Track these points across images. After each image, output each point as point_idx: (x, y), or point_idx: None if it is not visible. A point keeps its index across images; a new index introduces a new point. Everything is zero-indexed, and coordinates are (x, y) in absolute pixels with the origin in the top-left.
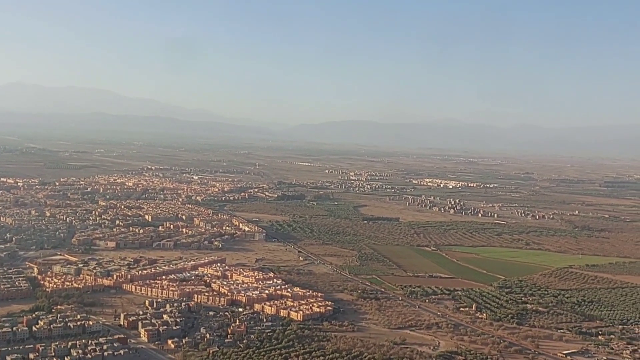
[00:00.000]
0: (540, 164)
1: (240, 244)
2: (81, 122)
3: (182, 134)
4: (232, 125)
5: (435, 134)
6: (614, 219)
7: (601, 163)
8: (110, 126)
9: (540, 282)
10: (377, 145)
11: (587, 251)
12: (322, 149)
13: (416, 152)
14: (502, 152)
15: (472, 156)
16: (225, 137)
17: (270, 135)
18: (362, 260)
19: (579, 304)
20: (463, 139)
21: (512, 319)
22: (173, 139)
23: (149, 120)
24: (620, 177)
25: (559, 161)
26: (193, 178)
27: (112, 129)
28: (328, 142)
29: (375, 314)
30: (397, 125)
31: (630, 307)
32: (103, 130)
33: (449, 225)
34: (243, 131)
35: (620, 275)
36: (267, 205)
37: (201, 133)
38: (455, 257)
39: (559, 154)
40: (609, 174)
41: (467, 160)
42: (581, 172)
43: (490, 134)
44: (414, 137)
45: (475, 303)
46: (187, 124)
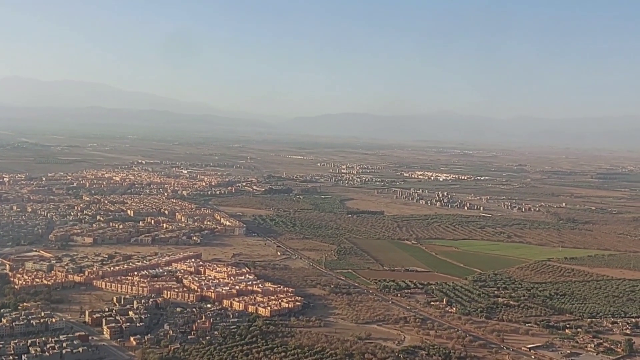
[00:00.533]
0: (535, 156)
1: (219, 239)
2: (77, 116)
3: (178, 128)
4: (229, 118)
5: (432, 126)
6: (600, 211)
7: (597, 155)
8: (106, 120)
9: (516, 275)
10: (373, 138)
11: (568, 244)
12: (317, 141)
13: (412, 145)
14: (499, 144)
15: (467, 148)
16: (221, 131)
17: (266, 128)
18: (340, 254)
19: (550, 298)
20: (460, 131)
21: (482, 312)
22: (168, 132)
23: (145, 113)
24: (613, 168)
25: (554, 153)
26: (182, 172)
27: (107, 122)
28: (324, 134)
29: (344, 309)
30: (394, 118)
31: (602, 300)
32: (99, 124)
33: (433, 218)
34: (239, 124)
35: (598, 268)
36: (253, 200)
37: (197, 126)
38: (435, 250)
39: (555, 145)
40: (603, 165)
41: (461, 152)
42: (575, 163)
43: (487, 126)
44: (410, 129)
45: (447, 297)
46: (183, 118)
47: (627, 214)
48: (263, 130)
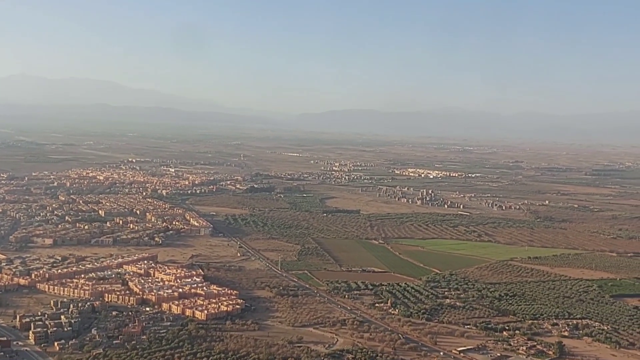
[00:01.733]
0: (535, 152)
1: (183, 240)
2: (82, 113)
3: (181, 125)
4: (234, 115)
5: (438, 122)
6: (582, 209)
7: (599, 150)
8: (111, 117)
9: (473, 275)
10: (377, 134)
11: (538, 243)
12: (319, 138)
13: (414, 141)
14: (503, 140)
15: (469, 145)
16: (224, 128)
17: (271, 125)
18: (301, 255)
19: (499, 299)
20: (466, 127)
21: (424, 314)
22: (171, 129)
23: (150, 111)
24: (611, 165)
25: (556, 149)
26: (169, 170)
27: (112, 120)
28: (328, 131)
29: (286, 311)
30: (400, 114)
31: (552, 301)
32: (103, 122)
33: (408, 217)
34: (245, 121)
35: (559, 267)
36: (232, 199)
37: (201, 123)
38: (400, 250)
39: (559, 141)
40: (601, 161)
41: (462, 149)
42: (573, 160)
43: (493, 122)
44: (416, 125)
45: (394, 298)
46: (187, 115)
47: (608, 211)
48: (268, 127)
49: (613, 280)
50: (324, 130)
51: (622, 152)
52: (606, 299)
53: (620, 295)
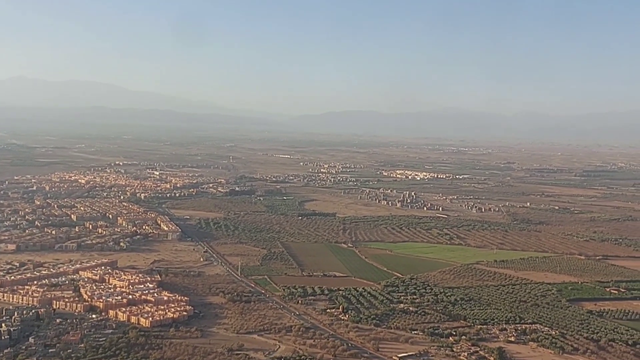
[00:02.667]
0: (530, 153)
1: (149, 245)
2: (80, 116)
3: (180, 127)
4: (235, 116)
5: (438, 123)
6: (562, 211)
7: (595, 151)
8: (108, 120)
9: (434, 279)
10: (375, 135)
11: (509, 246)
12: (315, 139)
13: (411, 142)
14: (501, 141)
15: (465, 145)
16: (223, 129)
17: (271, 126)
18: (265, 259)
19: (454, 303)
20: (466, 128)
21: (374, 319)
22: (168, 132)
23: (148, 113)
24: (603, 165)
25: (552, 149)
26: (154, 173)
27: (110, 123)
28: (326, 132)
29: (234, 318)
30: (400, 115)
31: (507, 305)
32: (101, 125)
33: (384, 220)
34: (245, 122)
35: (524, 271)
36: (210, 202)
37: (200, 125)
38: (367, 253)
39: (559, 141)
40: (595, 162)
41: (457, 150)
42: (567, 160)
43: (493, 122)
44: (417, 126)
45: (348, 303)
46: (187, 116)
47: (588, 213)
48: (267, 128)
49: (574, 283)
50: (323, 132)
51: (618, 152)
52: (562, 303)
53: (577, 299)
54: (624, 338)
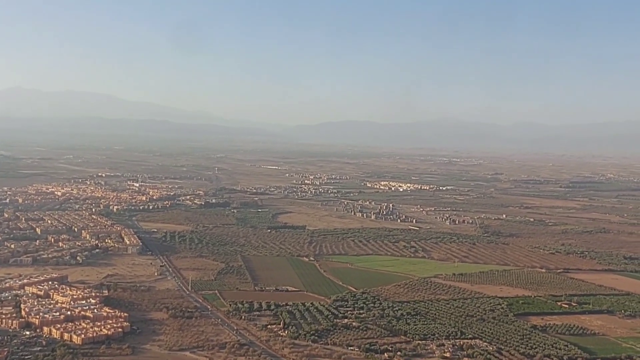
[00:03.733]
0: (522, 163)
1: (108, 258)
2: (76, 126)
3: (174, 137)
4: (231, 127)
5: (435, 133)
6: (536, 223)
7: (588, 161)
8: (104, 130)
9: (387, 293)
10: (370, 146)
11: (472, 259)
12: (308, 150)
13: (404, 153)
14: (497, 151)
15: (458, 156)
16: (217, 140)
17: (266, 137)
18: (221, 274)
19: (399, 318)
20: (463, 138)
21: (312, 335)
22: (161, 142)
23: (144, 123)
24: (592, 176)
25: (544, 160)
26: (134, 185)
27: (104, 133)
28: (321, 143)
29: (172, 334)
30: (397, 125)
31: (453, 320)
32: (95, 135)
33: (354, 232)
34: (240, 133)
35: (480, 285)
36: (183, 214)
37: (195, 136)
38: (327, 267)
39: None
40: (584, 173)
41: (448, 160)
42: (556, 171)
43: (490, 132)
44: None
45: (292, 319)
46: (182, 127)
47: (562, 225)
48: (262, 138)
49: (527, 297)
50: (317, 142)
51: (611, 163)
52: (508, 318)
53: (524, 313)
54: (560, 354)
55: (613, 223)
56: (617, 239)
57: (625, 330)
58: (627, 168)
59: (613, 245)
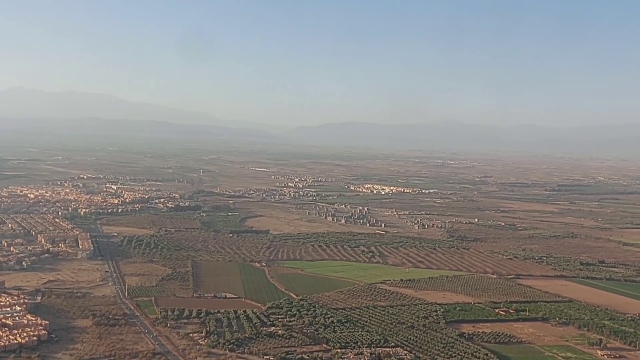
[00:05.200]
0: (516, 166)
1: (55, 264)
2: (75, 127)
3: (172, 138)
4: (231, 128)
5: (437, 135)
6: (506, 227)
7: (584, 164)
8: (103, 131)
9: (326, 300)
10: (370, 148)
11: (426, 264)
12: (305, 152)
13: (402, 154)
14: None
15: (454, 158)
16: (215, 141)
17: (267, 138)
18: (164, 279)
19: (328, 326)
20: (465, 140)
21: (231, 344)
22: (159, 143)
23: (143, 124)
24: (582, 179)
25: (540, 162)
26: (112, 188)
27: (103, 134)
28: (322, 144)
29: (89, 342)
30: (399, 127)
31: (382, 327)
32: (93, 135)
33: (317, 237)
34: (240, 134)
35: (424, 291)
36: (149, 218)
37: (194, 137)
38: (276, 273)
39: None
40: (575, 175)
41: (443, 162)
42: (547, 174)
43: (491, 135)
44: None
45: (218, 326)
46: (182, 128)
47: (532, 230)
48: (262, 140)
49: (467, 304)
50: (318, 144)
51: (607, 165)
52: (439, 325)
53: (458, 320)
54: None
55: (584, 228)
56: (583, 244)
57: (554, 339)
58: (621, 171)
59: (575, 251)
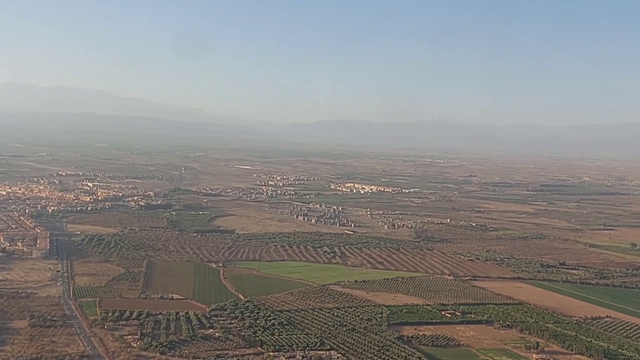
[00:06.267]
0: (504, 165)
1: (8, 263)
2: (67, 122)
3: (164, 135)
4: (225, 125)
5: (432, 134)
6: (476, 228)
7: (573, 164)
8: (95, 127)
9: (273, 302)
10: (362, 146)
11: (386, 265)
12: (295, 150)
13: (392, 153)
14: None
15: (445, 157)
16: (207, 138)
17: (259, 136)
18: (114, 280)
19: (267, 328)
20: (459, 139)
21: (163, 347)
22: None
23: (136, 120)
24: (568, 179)
25: (529, 162)
26: (87, 185)
27: (94, 129)
28: (313, 142)
29: (19, 345)
30: (394, 125)
31: (322, 330)
32: (85, 131)
33: (283, 237)
34: (233, 131)
35: (376, 292)
36: (117, 216)
37: (185, 134)
38: (231, 274)
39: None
40: (561, 175)
41: (432, 161)
42: (534, 174)
43: (487, 134)
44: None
45: (155, 329)
46: (175, 124)
47: (502, 230)
48: (255, 137)
49: (416, 306)
50: (310, 142)
51: (595, 165)
52: (381, 328)
53: (401, 323)
54: None
55: (555, 229)
56: (549, 245)
57: (493, 342)
58: (608, 171)
59: (539, 252)
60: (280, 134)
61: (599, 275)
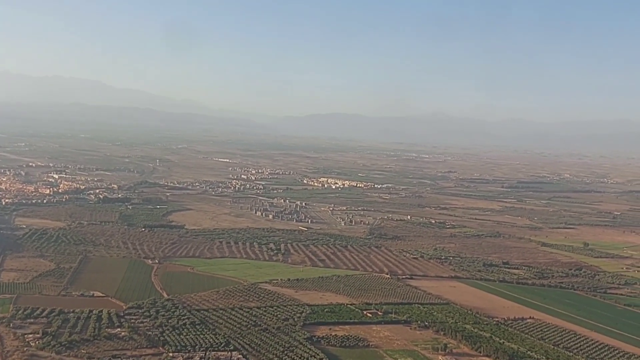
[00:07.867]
0: (488, 161)
1: None
2: (58, 112)
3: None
4: (217, 117)
5: (424, 128)
6: (435, 225)
7: (561, 160)
8: (85, 117)
9: (196, 300)
10: (353, 140)
11: (327, 263)
12: (284, 142)
13: (380, 147)
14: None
15: (430, 152)
16: (196, 130)
17: (251, 128)
18: (41, 275)
19: (176, 328)
20: (452, 133)
21: (61, 346)
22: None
23: (127, 111)
24: (548, 176)
25: (515, 158)
26: (53, 177)
27: (84, 120)
28: (304, 135)
29: None
30: (386, 119)
31: (233, 331)
32: (74, 121)
33: (233, 233)
34: (226, 123)
35: (305, 291)
36: (70, 210)
37: (176, 125)
38: (165, 271)
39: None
40: (542, 172)
41: (418, 156)
42: (515, 170)
43: (479, 129)
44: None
45: (61, 327)
46: (166, 116)
47: (459, 228)
48: (246, 130)
49: (340, 305)
50: (301, 135)
51: (583, 162)
52: (295, 328)
53: (317, 323)
54: None
55: (515, 227)
56: (502, 244)
57: (404, 343)
58: (591, 168)
59: (488, 251)
60: (273, 127)
61: (538, 275)
